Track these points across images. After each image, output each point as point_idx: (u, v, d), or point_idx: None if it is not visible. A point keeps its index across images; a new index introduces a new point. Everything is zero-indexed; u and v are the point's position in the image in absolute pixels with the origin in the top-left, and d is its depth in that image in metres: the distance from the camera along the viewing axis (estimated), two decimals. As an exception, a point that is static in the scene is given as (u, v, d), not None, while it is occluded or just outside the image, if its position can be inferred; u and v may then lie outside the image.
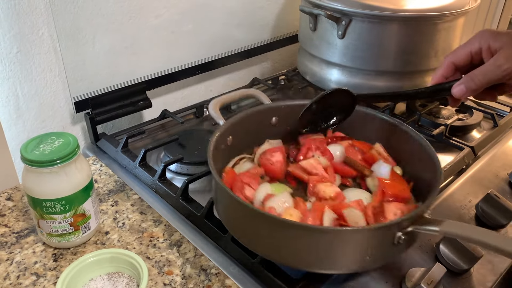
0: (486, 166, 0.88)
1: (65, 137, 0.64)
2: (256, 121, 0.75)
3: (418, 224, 0.55)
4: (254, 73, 1.26)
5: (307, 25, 1.01)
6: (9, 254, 0.66)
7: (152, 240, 0.69)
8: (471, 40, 0.65)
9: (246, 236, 0.60)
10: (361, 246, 0.54)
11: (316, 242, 0.53)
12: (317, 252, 0.54)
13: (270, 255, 0.58)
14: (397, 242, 0.54)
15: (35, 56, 0.84)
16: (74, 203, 0.64)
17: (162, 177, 0.80)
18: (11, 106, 0.84)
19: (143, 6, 0.92)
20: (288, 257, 0.56)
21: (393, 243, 0.55)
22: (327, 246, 0.53)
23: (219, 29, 1.09)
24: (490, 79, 0.62)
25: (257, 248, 0.59)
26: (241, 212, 0.58)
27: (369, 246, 0.54)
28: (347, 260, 0.55)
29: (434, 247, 0.68)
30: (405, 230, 0.54)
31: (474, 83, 0.62)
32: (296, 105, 0.75)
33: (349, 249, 0.54)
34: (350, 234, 0.53)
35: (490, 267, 0.66)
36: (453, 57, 0.67)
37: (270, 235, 0.56)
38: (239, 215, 0.60)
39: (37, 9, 0.81)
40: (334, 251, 0.54)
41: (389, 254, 0.57)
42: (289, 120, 0.76)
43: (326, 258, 0.55)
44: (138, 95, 0.96)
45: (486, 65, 0.62)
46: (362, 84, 0.97)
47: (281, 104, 0.77)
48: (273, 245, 0.56)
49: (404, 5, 0.91)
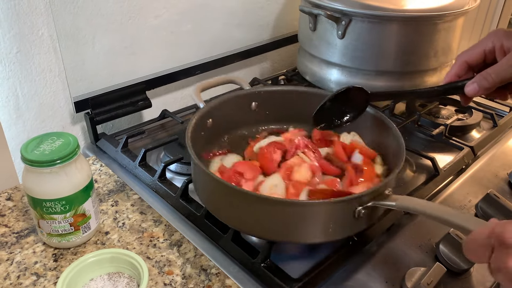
0: (486, 166, 0.88)
1: (65, 137, 0.64)
2: (236, 106, 0.77)
3: (378, 200, 0.59)
4: (254, 73, 1.26)
5: (306, 25, 1.01)
6: (9, 254, 0.66)
7: (152, 240, 0.69)
8: (485, 39, 0.66)
9: (220, 211, 0.65)
10: (323, 218, 0.59)
11: (284, 214, 0.58)
12: (285, 223, 0.59)
13: (240, 227, 0.64)
14: (358, 216, 0.59)
15: (35, 56, 0.84)
16: (74, 203, 0.64)
17: (162, 177, 0.80)
18: (11, 106, 0.84)
19: (142, 6, 0.93)
20: (258, 229, 0.62)
21: (354, 217, 0.59)
22: (294, 217, 0.58)
23: (218, 29, 1.09)
24: (503, 78, 0.62)
25: (229, 221, 0.64)
26: (216, 188, 0.63)
27: (331, 218, 0.59)
28: (311, 231, 0.60)
29: (434, 247, 0.68)
30: (365, 205, 0.58)
31: (487, 82, 0.63)
32: (275, 91, 0.79)
33: (313, 221, 0.59)
34: (314, 206, 0.58)
35: (490, 266, 0.66)
36: (467, 55, 0.67)
37: (243, 209, 0.61)
38: (216, 192, 0.64)
39: (37, 9, 0.81)
40: (300, 222, 0.58)
41: (350, 227, 0.61)
42: (268, 105, 0.79)
43: (293, 228, 0.59)
44: (138, 95, 0.96)
45: (499, 64, 0.62)
46: (362, 84, 0.96)
47: (260, 89, 0.79)
48: (245, 218, 0.62)
49: (404, 5, 0.91)
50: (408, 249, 0.68)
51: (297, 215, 0.58)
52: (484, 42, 0.65)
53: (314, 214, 0.58)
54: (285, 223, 0.59)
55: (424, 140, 0.96)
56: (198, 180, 0.68)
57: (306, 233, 0.60)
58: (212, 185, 0.63)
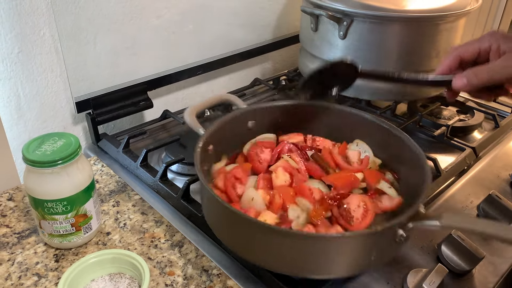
0: (488, 167, 0.88)
1: (67, 138, 0.64)
2: (233, 127, 0.75)
3: (417, 220, 0.56)
4: (255, 74, 1.26)
5: (308, 26, 1.01)
6: (10, 255, 0.66)
7: (153, 241, 0.69)
8: (482, 38, 0.65)
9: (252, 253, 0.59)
10: (366, 248, 0.55)
11: (321, 249, 0.54)
12: (323, 258, 0.54)
13: (265, 263, 0.58)
14: (399, 240, 0.56)
15: (37, 56, 0.84)
16: (76, 203, 0.64)
17: (164, 177, 0.80)
18: (12, 106, 0.84)
19: (144, 6, 0.92)
20: (288, 265, 0.56)
21: (395, 241, 0.56)
22: (334, 252, 0.54)
23: (220, 29, 1.09)
24: (493, 78, 0.61)
25: (250, 257, 0.59)
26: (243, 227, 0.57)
27: (373, 247, 0.55)
28: (353, 262, 0.56)
29: (435, 248, 0.68)
30: (406, 228, 0.55)
31: (476, 78, 0.62)
32: (270, 107, 0.77)
33: (355, 253, 0.55)
34: (354, 239, 0.55)
35: (492, 268, 0.66)
36: (461, 50, 0.66)
37: (266, 243, 0.56)
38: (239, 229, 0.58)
39: (38, 10, 0.81)
40: (341, 255, 0.55)
41: (391, 251, 0.59)
42: (265, 122, 0.77)
43: (332, 263, 0.55)
44: (139, 96, 0.96)
45: (494, 64, 0.62)
46: (363, 84, 0.96)
47: (254, 107, 0.77)
48: (269, 254, 0.56)
49: (406, 5, 0.91)
50: (410, 250, 0.68)
51: (336, 248, 0.54)
52: (481, 40, 0.65)
53: (354, 246, 0.55)
54: (331, 257, 0.54)
55: (425, 140, 0.96)
56: (211, 211, 0.64)
57: (350, 265, 0.56)
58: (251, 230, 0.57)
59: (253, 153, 0.73)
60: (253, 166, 0.71)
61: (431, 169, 0.84)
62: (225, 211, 0.58)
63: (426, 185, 0.60)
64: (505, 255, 0.69)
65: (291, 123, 0.79)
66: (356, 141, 0.78)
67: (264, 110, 0.78)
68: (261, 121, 0.77)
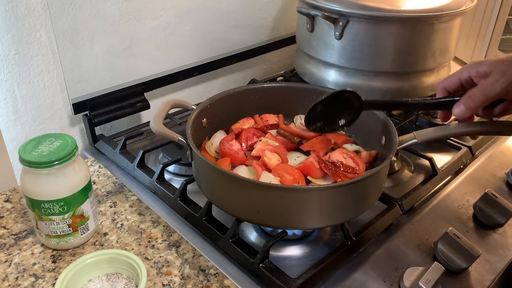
0: (484, 166, 0.88)
1: (64, 139, 0.64)
2: (193, 128, 0.75)
3: (399, 146, 0.66)
4: (252, 74, 1.26)
5: (304, 26, 1.02)
6: (7, 256, 0.66)
7: (150, 241, 0.69)
8: (459, 70, 0.67)
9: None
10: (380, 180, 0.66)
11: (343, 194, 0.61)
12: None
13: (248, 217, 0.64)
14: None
15: (33, 58, 0.84)
16: (73, 204, 0.64)
17: (161, 178, 0.80)
18: (9, 108, 0.84)
19: (140, 8, 0.93)
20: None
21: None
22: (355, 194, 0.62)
23: (216, 30, 1.09)
24: (488, 95, 0.62)
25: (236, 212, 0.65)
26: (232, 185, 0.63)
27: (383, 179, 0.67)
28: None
29: (432, 246, 0.68)
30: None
31: (472, 101, 0.63)
32: (217, 99, 0.79)
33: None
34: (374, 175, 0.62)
35: (488, 266, 0.66)
36: (445, 82, 0.68)
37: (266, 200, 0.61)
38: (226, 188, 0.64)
39: (35, 11, 0.81)
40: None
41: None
42: (215, 113, 0.79)
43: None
44: (136, 97, 0.96)
45: (484, 82, 0.62)
46: (360, 84, 0.97)
47: (206, 104, 0.77)
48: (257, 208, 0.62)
49: (401, 5, 0.91)
50: (407, 248, 0.68)
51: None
52: (459, 72, 0.66)
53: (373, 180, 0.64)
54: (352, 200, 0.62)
55: (422, 140, 0.96)
56: (200, 172, 0.68)
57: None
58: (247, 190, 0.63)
59: (224, 149, 0.74)
60: (232, 159, 0.73)
61: (425, 167, 0.85)
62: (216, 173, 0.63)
63: (390, 123, 0.70)
64: (501, 253, 0.69)
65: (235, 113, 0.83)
66: (297, 116, 0.85)
67: (212, 105, 0.79)
68: (211, 116, 0.79)
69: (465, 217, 0.76)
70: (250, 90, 0.84)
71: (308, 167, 0.70)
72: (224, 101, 0.80)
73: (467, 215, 0.76)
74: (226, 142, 0.76)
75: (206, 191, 0.68)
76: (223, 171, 0.62)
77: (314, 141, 0.78)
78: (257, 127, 0.81)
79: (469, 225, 0.74)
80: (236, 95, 0.82)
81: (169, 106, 0.73)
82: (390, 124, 0.71)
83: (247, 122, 0.83)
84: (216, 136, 0.79)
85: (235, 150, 0.75)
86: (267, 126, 0.82)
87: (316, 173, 0.70)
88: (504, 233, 0.73)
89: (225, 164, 0.72)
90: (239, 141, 0.77)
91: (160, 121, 0.70)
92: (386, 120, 0.72)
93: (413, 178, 0.85)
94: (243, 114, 0.84)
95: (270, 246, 0.63)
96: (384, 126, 0.73)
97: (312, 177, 0.70)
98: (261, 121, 0.84)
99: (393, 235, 0.70)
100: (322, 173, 0.70)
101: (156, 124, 0.69)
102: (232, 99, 0.82)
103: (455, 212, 0.76)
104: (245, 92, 0.83)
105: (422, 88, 0.99)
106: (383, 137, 0.73)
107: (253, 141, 0.77)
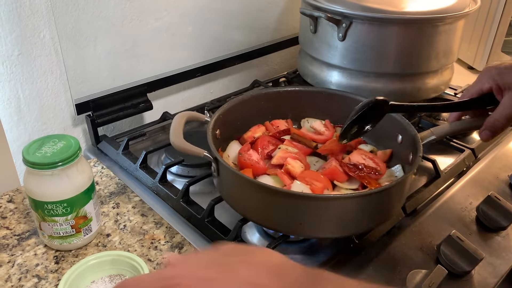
0: (487, 168, 0.88)
1: (67, 140, 0.64)
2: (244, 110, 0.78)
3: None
4: (255, 75, 1.26)
5: (307, 28, 1.02)
6: (10, 257, 0.66)
7: (153, 242, 0.69)
8: (480, 79, 0.68)
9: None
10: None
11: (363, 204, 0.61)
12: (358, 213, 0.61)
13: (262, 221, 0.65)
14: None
15: (37, 58, 0.84)
16: (76, 205, 0.64)
17: (163, 179, 0.80)
18: (12, 108, 0.84)
19: (143, 8, 0.93)
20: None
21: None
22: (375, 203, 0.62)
23: (219, 31, 1.09)
24: (510, 117, 0.64)
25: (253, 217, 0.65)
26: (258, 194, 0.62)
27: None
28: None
29: (435, 249, 0.68)
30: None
31: (497, 127, 0.66)
32: (227, 109, 0.77)
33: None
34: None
35: (491, 269, 0.66)
36: (467, 95, 0.69)
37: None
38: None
39: (38, 12, 0.81)
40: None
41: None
42: (226, 123, 0.77)
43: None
44: (139, 97, 0.96)
45: (503, 107, 0.64)
46: (363, 86, 0.97)
47: (217, 114, 0.76)
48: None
49: (405, 7, 0.91)
50: (409, 251, 0.68)
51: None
52: (480, 82, 0.68)
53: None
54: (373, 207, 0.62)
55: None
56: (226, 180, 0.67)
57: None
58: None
59: (244, 160, 0.72)
60: (253, 170, 0.71)
61: (428, 169, 0.85)
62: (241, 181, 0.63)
63: (407, 123, 0.71)
64: (504, 256, 0.69)
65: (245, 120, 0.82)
66: (304, 120, 0.85)
67: (225, 115, 0.77)
68: (224, 126, 0.77)
69: (468, 219, 0.75)
70: (259, 96, 0.83)
71: (334, 172, 0.70)
72: (234, 110, 0.79)
73: (470, 218, 0.76)
74: (245, 152, 0.74)
75: (240, 207, 0.66)
76: (265, 186, 0.61)
77: (330, 145, 0.77)
78: (271, 135, 0.79)
79: (472, 228, 0.74)
80: (245, 102, 0.81)
81: (184, 119, 0.71)
82: (408, 124, 0.72)
83: (258, 130, 0.82)
84: (231, 147, 0.78)
85: (255, 160, 0.73)
86: (279, 133, 0.80)
87: (341, 177, 0.70)
88: (507, 236, 0.73)
89: (248, 175, 0.70)
90: (255, 150, 0.76)
91: (181, 136, 0.68)
92: (402, 120, 0.73)
93: (416, 180, 0.85)
94: (252, 121, 0.83)
95: (273, 248, 0.63)
96: (399, 125, 0.74)
97: (338, 181, 0.69)
98: (272, 128, 0.82)
99: (395, 238, 0.70)
100: (346, 176, 0.70)
101: (177, 140, 0.67)
102: (242, 106, 0.80)
103: (458, 215, 0.76)
104: (255, 98, 0.82)
105: (425, 89, 0.99)
106: (399, 136, 0.73)
107: (269, 149, 0.76)
